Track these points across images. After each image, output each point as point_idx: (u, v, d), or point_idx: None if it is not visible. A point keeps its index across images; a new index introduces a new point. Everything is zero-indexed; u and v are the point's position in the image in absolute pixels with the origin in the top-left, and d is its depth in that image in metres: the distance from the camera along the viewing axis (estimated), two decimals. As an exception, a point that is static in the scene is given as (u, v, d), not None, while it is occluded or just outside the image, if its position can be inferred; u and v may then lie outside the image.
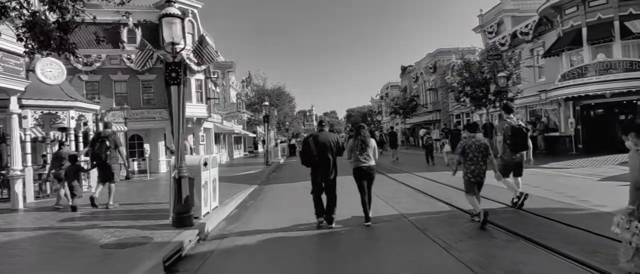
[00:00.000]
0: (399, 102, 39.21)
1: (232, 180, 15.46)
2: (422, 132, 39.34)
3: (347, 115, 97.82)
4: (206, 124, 23.74)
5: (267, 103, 23.04)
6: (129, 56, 20.30)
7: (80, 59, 19.17)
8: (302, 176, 11.24)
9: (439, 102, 36.82)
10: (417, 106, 39.46)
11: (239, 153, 39.32)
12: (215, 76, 22.80)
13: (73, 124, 12.11)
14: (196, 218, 7.28)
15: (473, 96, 20.38)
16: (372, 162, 6.68)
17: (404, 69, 50.59)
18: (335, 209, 6.65)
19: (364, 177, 6.62)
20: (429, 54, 38.47)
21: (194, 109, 21.36)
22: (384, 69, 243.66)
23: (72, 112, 12.06)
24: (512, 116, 7.40)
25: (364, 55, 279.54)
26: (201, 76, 21.83)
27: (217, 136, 27.40)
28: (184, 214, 6.66)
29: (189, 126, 21.70)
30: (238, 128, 37.16)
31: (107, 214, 8.27)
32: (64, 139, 11.21)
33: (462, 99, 21.42)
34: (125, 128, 18.25)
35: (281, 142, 46.95)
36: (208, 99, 22.26)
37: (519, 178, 7.28)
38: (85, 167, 10.14)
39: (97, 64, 19.84)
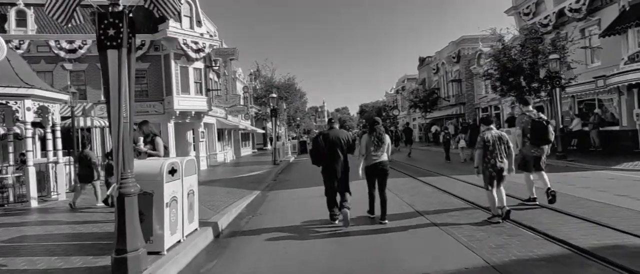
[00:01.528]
0: (418, 95, 36.19)
1: (231, 184, 13.00)
2: (433, 128, 36.70)
3: (360, 110, 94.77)
4: (207, 119, 21.32)
5: (274, 95, 20.49)
6: (118, 42, 17.92)
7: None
8: (313, 178, 8.99)
9: (463, 95, 33.75)
10: (438, 99, 36.41)
11: (246, 151, 36.95)
12: (217, 65, 20.30)
13: (30, 117, 9.71)
14: (157, 253, 4.81)
15: (513, 84, 17.42)
16: (386, 158, 6.48)
17: (422, 60, 47.44)
18: (349, 199, 6.36)
19: (378, 174, 6.44)
20: (452, 42, 35.38)
21: (193, 101, 18.96)
22: (397, 63, 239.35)
23: (29, 102, 9.66)
24: (531, 108, 7.21)
25: (376, 49, 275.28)
26: (200, 65, 19.39)
27: (220, 132, 25.02)
28: (125, 253, 4.14)
29: (188, 120, 19.32)
30: (245, 124, 34.77)
31: (37, 241, 5.85)
32: (86, 140, 10.65)
33: (499, 88, 18.45)
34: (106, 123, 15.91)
35: (292, 138, 44.56)
36: (208, 90, 19.81)
37: (544, 173, 6.88)
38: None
39: (82, 51, 17.51)
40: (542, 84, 16.51)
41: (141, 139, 7.03)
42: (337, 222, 6.27)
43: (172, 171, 5.29)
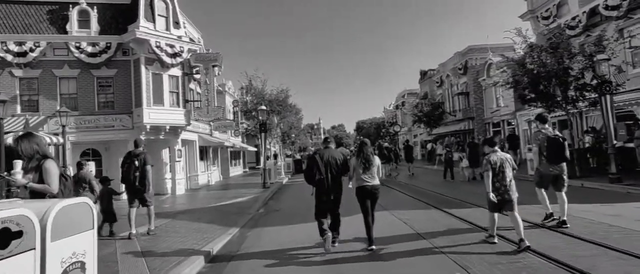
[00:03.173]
0: (422, 109, 33.57)
1: (206, 216, 10.12)
2: (429, 146, 34.01)
3: (357, 127, 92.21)
4: (186, 135, 18.46)
5: (264, 107, 17.74)
6: (79, 44, 15.18)
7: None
8: (311, 207, 6.55)
9: (472, 109, 31.21)
10: (443, 114, 33.82)
11: (236, 171, 33.96)
12: (196, 71, 17.56)
13: None
14: None
15: (544, 92, 14.78)
16: (377, 182, 6.24)
17: (423, 73, 45.20)
18: (339, 228, 6.40)
19: (368, 197, 6.16)
20: (457, 53, 33.06)
21: (167, 114, 16.13)
22: (395, 79, 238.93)
23: None
24: (547, 126, 7.11)
25: (374, 64, 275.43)
26: (177, 72, 16.65)
27: (204, 150, 22.13)
28: None
29: (162, 136, 16.45)
30: (235, 141, 31.90)
31: None
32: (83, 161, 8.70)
33: (528, 97, 15.75)
34: (61, 140, 13.02)
35: (287, 156, 41.60)
36: (187, 101, 17.02)
37: (564, 194, 6.62)
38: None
39: (34, 55, 14.72)
40: (581, 91, 13.94)
41: (19, 163, 4.21)
42: (327, 244, 5.98)
43: (7, 237, 2.43)
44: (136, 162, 7.47)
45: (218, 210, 11.46)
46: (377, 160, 6.31)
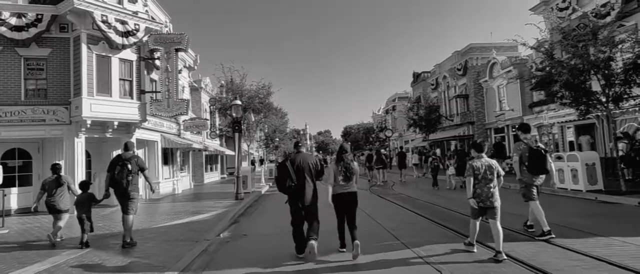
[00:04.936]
0: (418, 112, 30.86)
1: (137, 248, 6.99)
2: (413, 156, 31.58)
3: (344, 132, 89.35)
4: (144, 134, 15.24)
5: (239, 102, 14.64)
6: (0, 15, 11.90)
7: None
8: (291, 230, 6.10)
9: (471, 113, 28.69)
10: (440, 118, 31.22)
11: (213, 176, 30.64)
12: (157, 55, 14.36)
13: None
14: None
15: (583, 89, 12.05)
16: (355, 188, 6.11)
17: (416, 76, 42.72)
18: (318, 230, 5.96)
19: (346, 204, 5.99)
20: (456, 53, 30.60)
21: (116, 107, 12.92)
22: (384, 84, 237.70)
23: None
24: (528, 136, 7.00)
25: (362, 70, 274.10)
26: (131, 55, 13.46)
27: (169, 152, 18.86)
28: None
29: (109, 134, 13.22)
30: (212, 143, 28.62)
31: None
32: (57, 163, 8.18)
33: (559, 94, 13.01)
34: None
35: (270, 162, 38.37)
36: (143, 92, 13.80)
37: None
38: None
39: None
40: (627, 85, 11.34)
41: None
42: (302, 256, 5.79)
43: None
44: (129, 166, 7.15)
45: (164, 234, 8.34)
46: (356, 167, 6.13)
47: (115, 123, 12.93)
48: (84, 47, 12.28)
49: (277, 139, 41.08)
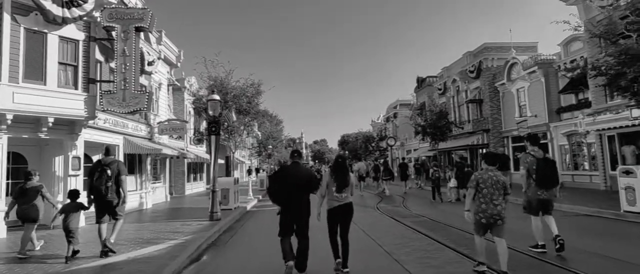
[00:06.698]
0: (426, 118, 27.93)
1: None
2: (409, 167, 28.80)
3: (341, 141, 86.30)
4: (98, 136, 12.15)
5: (216, 97, 11.58)
6: None
7: None
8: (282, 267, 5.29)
9: (486, 120, 25.80)
10: (449, 125, 28.31)
11: (197, 187, 27.47)
12: (113, 33, 11.25)
13: None
14: None
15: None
16: (350, 200, 5.71)
17: (421, 81, 39.94)
18: (307, 254, 5.61)
19: (341, 217, 5.63)
20: (468, 54, 27.84)
21: (52, 99, 9.85)
22: (384, 92, 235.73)
23: None
24: (536, 148, 6.76)
25: (359, 79, 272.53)
26: (77, 34, 10.42)
27: (136, 159, 15.71)
28: None
29: (43, 135, 10.11)
30: (195, 150, 25.51)
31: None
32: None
33: (635, 88, 10.10)
34: None
35: (262, 170, 35.23)
36: (92, 81, 10.73)
37: (552, 217, 6.54)
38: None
39: None
40: None
41: None
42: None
43: None
44: (108, 172, 6.90)
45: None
46: (353, 178, 5.83)
47: (51, 119, 9.82)
48: (6, 18, 9.23)
49: (270, 147, 38.04)
